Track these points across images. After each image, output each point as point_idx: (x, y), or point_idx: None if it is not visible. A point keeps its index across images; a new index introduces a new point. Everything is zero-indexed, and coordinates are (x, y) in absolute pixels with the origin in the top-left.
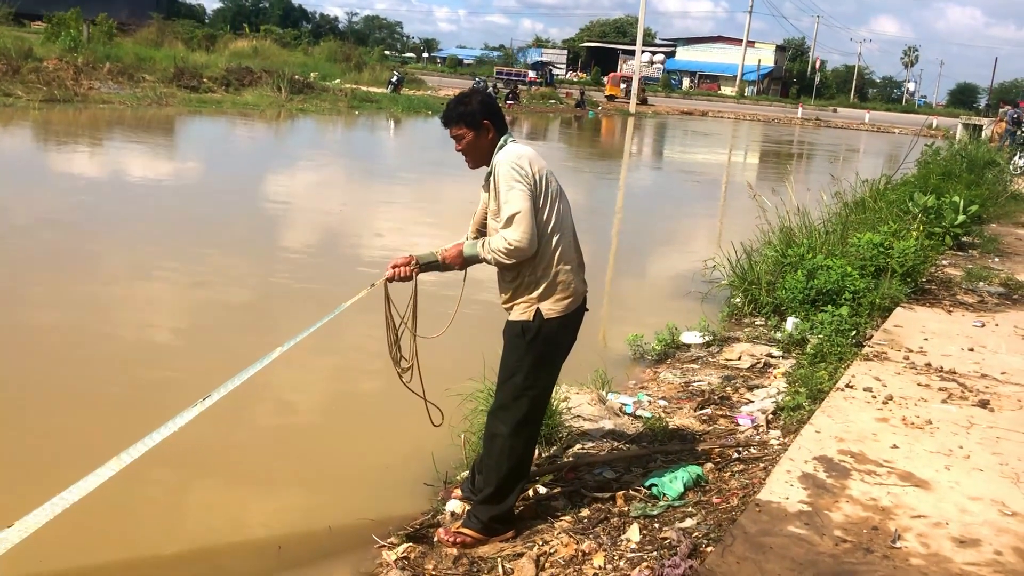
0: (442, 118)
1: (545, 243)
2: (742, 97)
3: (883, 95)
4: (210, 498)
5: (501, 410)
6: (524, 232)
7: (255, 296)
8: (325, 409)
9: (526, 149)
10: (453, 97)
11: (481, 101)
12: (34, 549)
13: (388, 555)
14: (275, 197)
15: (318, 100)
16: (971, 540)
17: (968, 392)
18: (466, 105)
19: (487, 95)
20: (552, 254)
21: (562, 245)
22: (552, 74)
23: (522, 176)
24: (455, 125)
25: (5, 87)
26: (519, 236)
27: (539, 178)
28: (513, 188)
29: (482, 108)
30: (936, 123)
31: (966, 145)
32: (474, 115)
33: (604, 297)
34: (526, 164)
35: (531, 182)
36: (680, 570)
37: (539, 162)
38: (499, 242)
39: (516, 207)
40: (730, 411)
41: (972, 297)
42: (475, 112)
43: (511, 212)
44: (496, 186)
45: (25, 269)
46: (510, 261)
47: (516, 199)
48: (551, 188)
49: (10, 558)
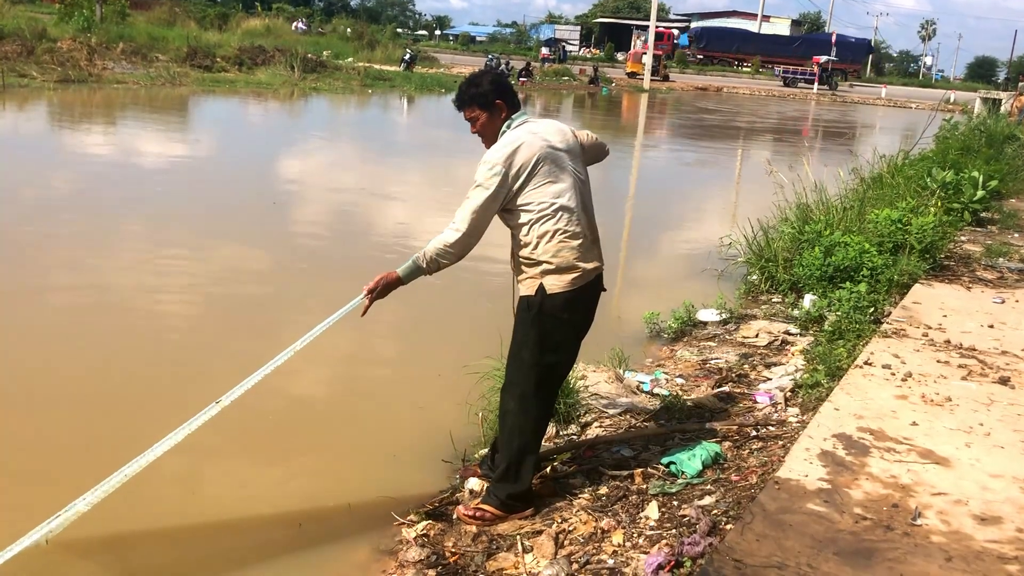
0: (455, 101)
1: (545, 221)
2: (757, 72)
3: (900, 69)
4: (229, 476)
5: (510, 386)
6: (466, 227)
7: (271, 275)
8: (342, 387)
9: (519, 136)
10: (465, 79)
11: (492, 81)
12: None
13: (407, 532)
14: (291, 177)
15: (331, 79)
16: (992, 517)
17: (988, 369)
18: (477, 87)
19: (498, 75)
20: (554, 231)
21: (565, 221)
22: (565, 51)
23: (493, 176)
24: (468, 107)
25: (20, 68)
26: (461, 230)
27: (530, 167)
28: (476, 186)
29: (494, 88)
30: (954, 97)
31: (985, 119)
32: (486, 96)
33: (619, 275)
34: (509, 157)
35: (505, 179)
36: (700, 547)
37: (532, 146)
38: (435, 244)
39: (470, 205)
40: (748, 389)
41: (992, 273)
42: (487, 93)
43: (464, 208)
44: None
45: (41, 248)
46: (450, 259)
47: (473, 198)
48: (546, 169)
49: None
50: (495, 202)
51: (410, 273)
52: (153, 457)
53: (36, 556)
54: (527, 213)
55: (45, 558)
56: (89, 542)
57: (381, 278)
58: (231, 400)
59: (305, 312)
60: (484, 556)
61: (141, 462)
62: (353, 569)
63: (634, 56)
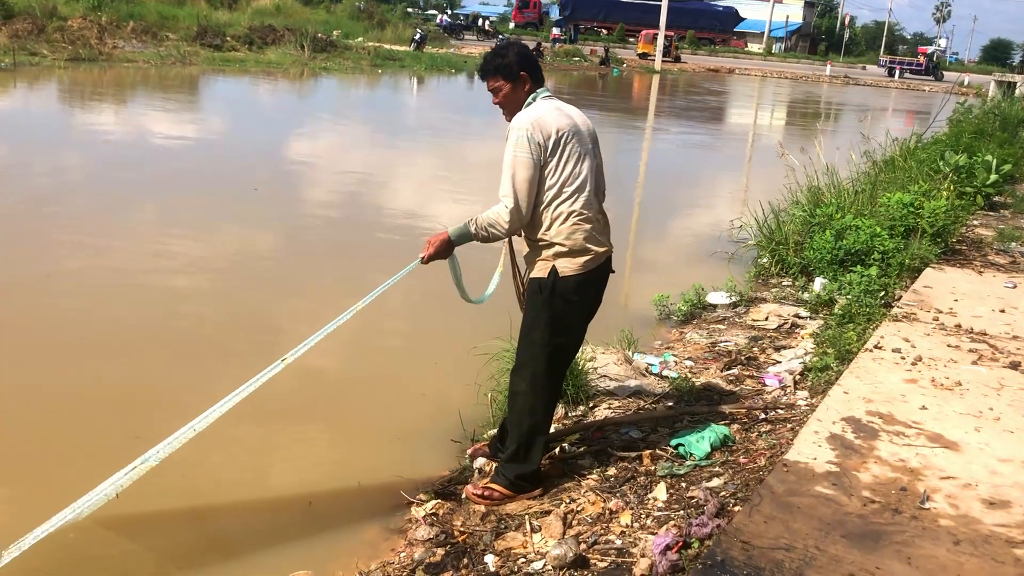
0: (479, 70)
1: (560, 203)
2: (769, 54)
3: (914, 52)
4: (239, 455)
5: (521, 367)
6: (517, 202)
7: (280, 255)
8: (351, 367)
9: (545, 108)
10: (490, 49)
11: (518, 53)
12: (63, 497)
13: (417, 511)
14: (302, 157)
15: (341, 59)
16: (1001, 502)
17: (999, 353)
18: (503, 57)
19: (524, 47)
20: (569, 214)
21: (580, 205)
22: (577, 31)
23: (529, 142)
24: (492, 77)
25: (31, 46)
26: (511, 206)
27: (554, 140)
28: (513, 156)
29: (519, 60)
30: (968, 80)
31: (999, 103)
32: (511, 67)
33: (628, 257)
34: (539, 127)
35: (540, 148)
36: (707, 529)
37: (560, 121)
38: (491, 213)
39: (511, 176)
40: (757, 372)
41: (1003, 258)
42: (512, 64)
43: (506, 181)
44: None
45: (50, 227)
46: (503, 232)
47: (511, 167)
48: (570, 148)
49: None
50: (535, 168)
51: (461, 236)
52: (220, 412)
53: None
54: (545, 192)
55: (52, 537)
56: (97, 521)
57: (436, 241)
58: (295, 358)
59: (314, 293)
60: (492, 535)
61: (209, 418)
62: (363, 547)
63: (645, 37)
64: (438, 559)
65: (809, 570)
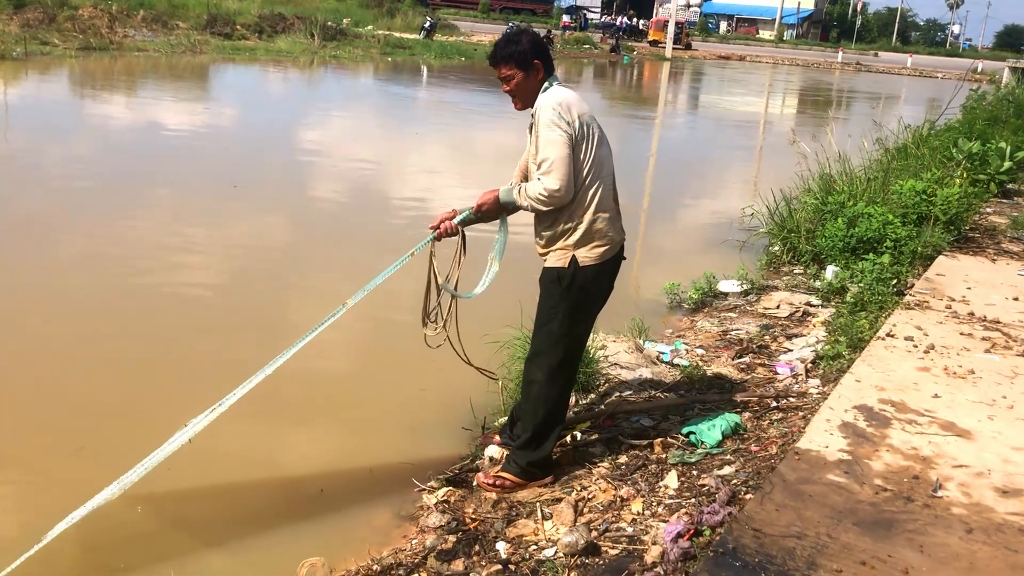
0: (490, 58)
1: (583, 190)
2: (781, 41)
3: (926, 38)
4: (252, 440)
5: (537, 357)
6: (561, 179)
7: (291, 241)
8: (363, 354)
9: (568, 93)
10: (501, 36)
11: (531, 40)
12: (75, 487)
13: (428, 498)
14: (313, 146)
15: (350, 47)
16: (1014, 490)
17: (1012, 342)
18: (516, 44)
19: (536, 34)
20: (590, 202)
21: (600, 193)
22: (586, 18)
23: (563, 121)
24: (504, 65)
25: (42, 35)
26: (556, 183)
27: (581, 123)
28: (552, 133)
29: (532, 48)
30: (982, 67)
31: (1013, 89)
32: (524, 55)
33: (639, 245)
34: (568, 109)
35: (572, 128)
36: (719, 517)
37: (581, 106)
38: (536, 188)
39: (554, 153)
40: (768, 360)
41: (1017, 246)
42: (525, 52)
43: (549, 158)
44: (536, 130)
45: (62, 213)
46: (546, 208)
47: (554, 144)
48: (592, 134)
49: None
50: (571, 144)
51: (508, 199)
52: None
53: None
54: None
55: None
56: (100, 510)
57: (486, 196)
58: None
59: (326, 272)
60: (504, 523)
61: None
62: (374, 533)
63: (656, 24)
64: (450, 546)
65: (821, 558)
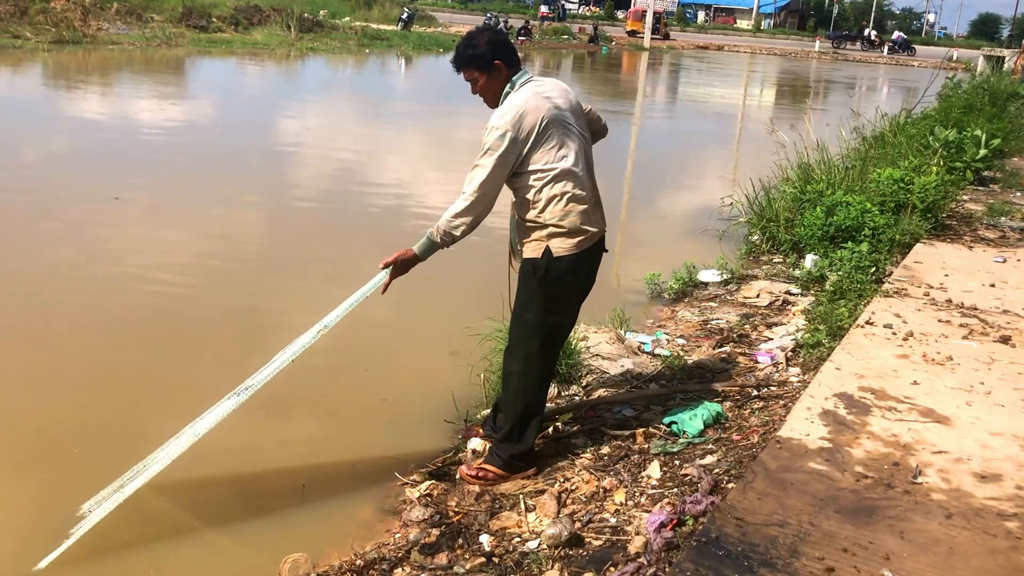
0: (453, 62)
1: (553, 185)
2: (758, 31)
3: (902, 27)
4: (232, 435)
5: (514, 348)
6: (477, 197)
7: (269, 239)
8: (344, 347)
9: (525, 97)
10: (462, 38)
11: (489, 41)
12: (61, 476)
13: (411, 492)
14: (291, 139)
15: (328, 39)
16: (993, 475)
17: (989, 328)
18: (474, 48)
19: (496, 32)
20: (561, 195)
21: (573, 184)
22: (565, 9)
23: (503, 140)
24: (465, 69)
25: (13, 29)
26: (470, 201)
27: (539, 130)
28: (483, 159)
29: (491, 49)
30: (957, 55)
31: (988, 78)
32: (483, 57)
33: (619, 236)
34: (517, 120)
35: (518, 142)
36: (701, 506)
37: (540, 108)
38: (447, 219)
39: (480, 173)
40: (749, 349)
41: (993, 232)
42: (484, 54)
43: (469, 179)
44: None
45: (37, 213)
46: (461, 231)
47: (478, 171)
48: (555, 131)
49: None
50: (505, 168)
51: (426, 249)
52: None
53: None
54: (534, 176)
55: (42, 510)
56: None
57: (399, 255)
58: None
59: (303, 278)
60: (487, 515)
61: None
62: (357, 528)
63: (633, 14)
64: (433, 539)
65: (803, 545)
